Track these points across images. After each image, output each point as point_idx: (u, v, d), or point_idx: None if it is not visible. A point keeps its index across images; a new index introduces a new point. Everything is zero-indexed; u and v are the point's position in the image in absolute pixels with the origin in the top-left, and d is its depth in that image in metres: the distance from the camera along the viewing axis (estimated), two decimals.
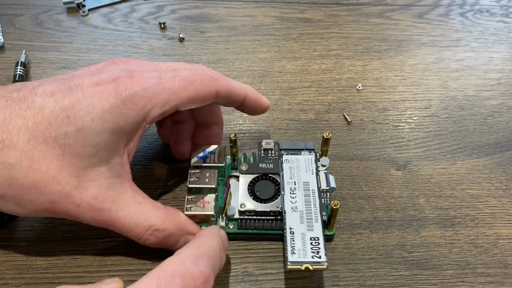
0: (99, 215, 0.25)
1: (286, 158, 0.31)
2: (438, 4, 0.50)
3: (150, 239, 0.27)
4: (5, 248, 0.29)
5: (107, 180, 0.25)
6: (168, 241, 0.27)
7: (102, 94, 0.24)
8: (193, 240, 0.25)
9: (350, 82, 0.41)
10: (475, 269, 0.29)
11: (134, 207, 0.26)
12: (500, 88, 0.41)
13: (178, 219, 0.28)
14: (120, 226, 0.26)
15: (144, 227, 0.26)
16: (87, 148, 0.24)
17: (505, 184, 0.34)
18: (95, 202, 0.25)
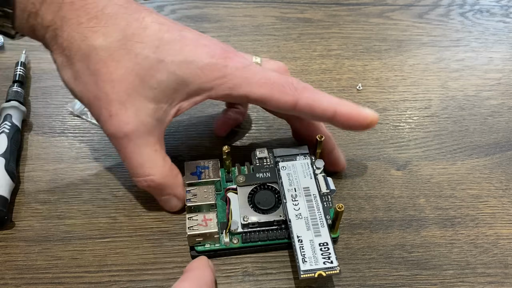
0: (119, 137, 0.27)
1: (283, 165, 0.31)
2: (438, 4, 0.50)
3: (143, 184, 0.28)
4: (5, 248, 0.29)
5: (147, 117, 0.27)
6: (156, 193, 0.30)
7: (193, 48, 0.27)
8: (189, 274, 0.25)
9: (350, 82, 0.41)
10: (475, 269, 0.29)
11: (149, 151, 0.28)
12: (500, 88, 0.41)
13: (175, 181, 0.29)
14: (128, 158, 0.28)
15: (144, 172, 0.28)
16: (152, 80, 0.26)
17: (505, 184, 0.34)
18: (124, 124, 0.27)
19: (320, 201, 0.29)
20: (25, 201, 0.32)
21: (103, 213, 0.31)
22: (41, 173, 0.33)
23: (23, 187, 0.32)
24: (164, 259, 0.29)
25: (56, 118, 0.37)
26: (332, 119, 0.29)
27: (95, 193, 0.32)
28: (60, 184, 0.33)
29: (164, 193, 0.29)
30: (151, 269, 0.28)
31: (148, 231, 0.30)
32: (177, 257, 0.29)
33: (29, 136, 0.36)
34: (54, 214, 0.31)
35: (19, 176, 0.33)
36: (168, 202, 0.30)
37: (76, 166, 0.34)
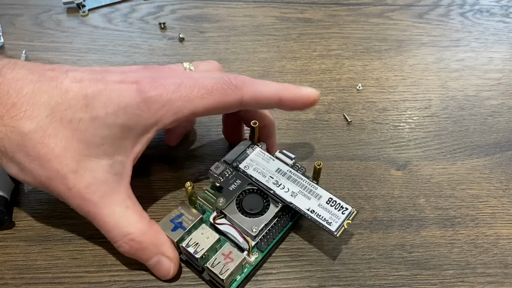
0: (85, 205, 0.26)
1: (244, 165, 0.30)
2: (438, 4, 0.50)
3: (124, 247, 0.27)
4: (5, 248, 0.29)
5: (105, 174, 0.26)
6: (141, 255, 0.27)
7: (121, 92, 0.26)
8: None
9: (350, 82, 0.41)
10: (475, 269, 0.29)
11: (120, 210, 0.26)
12: (500, 88, 0.41)
13: (158, 237, 0.27)
14: (101, 223, 0.26)
15: (122, 232, 0.26)
16: (95, 138, 0.25)
17: (505, 184, 0.34)
18: (85, 191, 0.25)
19: (296, 171, 0.30)
20: (25, 201, 0.32)
21: None
22: None
23: (23, 187, 0.32)
24: None
25: None
26: (279, 104, 0.30)
27: None
28: None
29: (150, 253, 0.27)
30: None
31: None
32: None
33: None
34: (54, 214, 0.31)
35: None
36: (160, 266, 0.27)
37: None
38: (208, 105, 0.27)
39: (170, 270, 0.27)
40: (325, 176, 0.34)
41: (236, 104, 0.28)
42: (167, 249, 0.27)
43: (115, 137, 0.26)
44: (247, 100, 0.28)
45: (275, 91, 0.29)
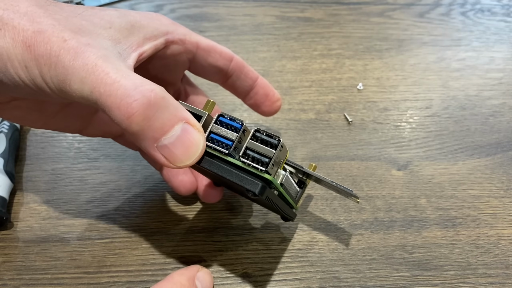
0: (83, 58, 0.20)
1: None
2: (439, 3, 0.50)
3: (139, 101, 0.19)
4: (4, 249, 0.29)
5: (108, 46, 0.22)
6: (161, 118, 0.20)
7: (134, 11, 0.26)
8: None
9: (350, 81, 0.41)
10: (476, 270, 0.29)
11: (129, 70, 0.21)
12: (501, 87, 0.41)
13: (178, 103, 0.21)
14: (104, 78, 0.20)
15: (137, 83, 0.20)
16: (102, 22, 0.23)
17: (507, 184, 0.34)
18: (83, 46, 0.20)
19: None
20: (23, 202, 0.31)
21: (102, 214, 0.31)
22: (40, 173, 0.33)
23: (21, 188, 0.32)
24: (164, 260, 0.29)
25: None
26: (255, 84, 0.30)
27: (93, 193, 0.32)
28: (59, 184, 0.32)
29: (172, 117, 0.20)
30: (150, 270, 0.28)
31: (147, 231, 0.30)
32: (176, 258, 0.29)
33: (27, 136, 0.36)
34: (53, 214, 0.31)
35: (17, 176, 0.33)
36: (187, 136, 0.21)
37: (75, 166, 0.34)
38: (209, 43, 0.29)
39: (200, 142, 0.21)
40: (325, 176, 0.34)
41: (229, 57, 0.29)
42: (190, 115, 0.21)
43: (123, 26, 0.24)
44: (237, 60, 0.29)
45: (228, 51, 0.30)
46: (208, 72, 0.30)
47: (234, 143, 0.22)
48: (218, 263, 0.29)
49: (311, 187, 0.33)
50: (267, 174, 0.22)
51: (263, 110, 0.32)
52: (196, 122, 0.21)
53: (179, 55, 0.28)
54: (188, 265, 0.27)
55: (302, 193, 0.28)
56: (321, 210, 0.32)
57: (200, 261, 0.29)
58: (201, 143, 0.21)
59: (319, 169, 0.34)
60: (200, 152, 0.21)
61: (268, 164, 0.22)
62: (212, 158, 0.22)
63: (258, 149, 0.22)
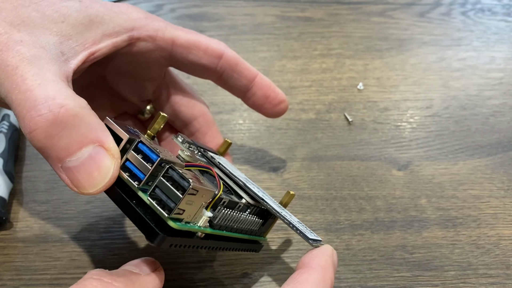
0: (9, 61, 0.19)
1: (211, 154, 0.26)
2: (439, 3, 0.50)
3: (44, 116, 0.18)
4: (3, 249, 0.29)
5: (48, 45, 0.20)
6: (68, 137, 0.18)
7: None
8: (309, 276, 0.19)
9: (351, 81, 0.41)
10: (477, 270, 0.29)
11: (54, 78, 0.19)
12: (502, 87, 0.41)
13: (97, 120, 0.19)
14: (19, 83, 0.18)
15: (49, 96, 0.18)
16: (55, 14, 0.21)
17: (507, 184, 0.34)
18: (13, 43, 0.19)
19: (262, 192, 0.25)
20: (23, 202, 0.31)
21: (101, 214, 0.31)
22: (39, 173, 0.33)
23: (21, 188, 0.32)
24: (164, 261, 0.29)
25: None
26: (252, 84, 0.27)
27: None
28: (59, 184, 0.32)
29: (82, 137, 0.18)
30: None
31: None
32: (176, 258, 0.29)
33: None
34: (52, 214, 0.31)
35: (17, 176, 0.33)
36: (96, 161, 0.18)
37: None
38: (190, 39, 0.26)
39: (109, 169, 0.19)
40: (326, 177, 0.34)
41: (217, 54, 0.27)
42: (107, 137, 0.19)
43: (79, 21, 0.22)
44: (229, 56, 0.27)
45: (217, 44, 0.27)
46: (192, 70, 0.28)
47: (146, 176, 0.19)
48: (218, 263, 0.29)
49: (311, 188, 0.33)
50: (172, 222, 0.19)
51: (264, 113, 0.30)
52: (112, 147, 0.19)
53: (149, 53, 0.26)
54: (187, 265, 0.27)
55: (271, 224, 0.26)
56: (321, 210, 0.32)
57: (200, 262, 0.29)
58: (111, 172, 0.18)
59: (319, 169, 0.34)
60: (108, 181, 0.19)
61: (172, 210, 0.18)
62: (124, 189, 0.20)
63: (167, 190, 0.19)
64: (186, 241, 0.20)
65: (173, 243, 0.19)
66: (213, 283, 0.28)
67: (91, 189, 0.18)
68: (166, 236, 0.19)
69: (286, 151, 0.35)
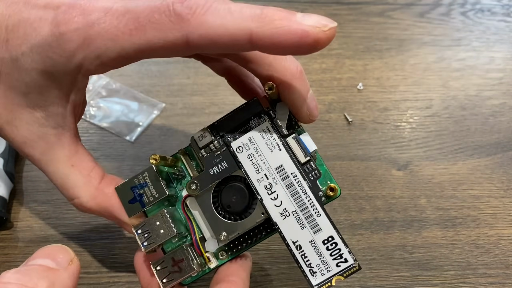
0: (32, 160, 0.23)
1: (238, 146, 0.22)
2: (439, 3, 0.50)
3: (79, 209, 0.23)
4: (4, 249, 0.29)
5: (41, 128, 0.22)
6: (105, 217, 0.24)
7: (40, 23, 0.20)
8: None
9: (350, 81, 0.41)
10: (476, 270, 0.29)
11: (64, 169, 0.23)
12: (501, 87, 0.41)
13: (110, 203, 0.23)
14: (52, 180, 0.23)
15: (69, 195, 0.23)
16: (21, 84, 0.21)
17: (507, 184, 0.34)
18: (24, 146, 0.22)
19: (303, 178, 0.22)
20: (23, 202, 0.31)
21: None
22: (40, 173, 0.33)
23: (21, 188, 0.32)
24: None
25: None
26: (251, 46, 0.19)
27: None
28: None
29: (111, 218, 0.24)
30: None
31: None
32: None
33: None
34: (52, 214, 0.31)
35: (17, 176, 0.33)
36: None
37: None
38: (139, 46, 0.19)
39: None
40: None
41: (180, 44, 0.19)
42: (120, 214, 0.23)
43: (38, 85, 0.21)
44: (195, 40, 0.19)
45: (243, 23, 0.19)
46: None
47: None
48: None
49: None
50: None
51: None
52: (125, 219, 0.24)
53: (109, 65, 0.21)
54: None
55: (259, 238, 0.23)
56: None
57: None
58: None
59: None
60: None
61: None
62: None
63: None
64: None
65: None
66: None
67: None
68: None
69: None
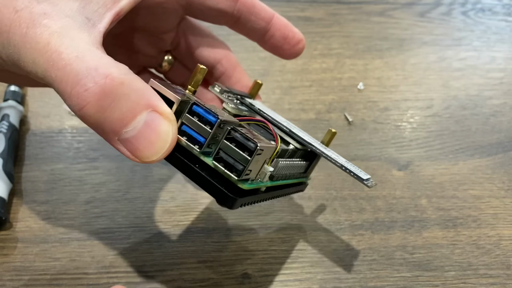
0: (37, 33, 0.18)
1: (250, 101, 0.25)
2: (440, 3, 0.50)
3: (92, 90, 0.17)
4: (3, 249, 0.29)
5: (72, 12, 0.19)
6: (120, 107, 0.17)
7: None
8: None
9: (351, 81, 0.41)
10: (477, 271, 0.29)
11: (88, 47, 0.18)
12: (502, 87, 0.41)
13: (145, 85, 0.18)
14: (55, 58, 0.17)
15: (91, 66, 0.17)
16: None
17: (507, 184, 0.34)
18: (37, 16, 0.18)
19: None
20: (23, 202, 0.31)
21: (101, 214, 0.31)
22: (39, 173, 0.33)
23: (20, 188, 0.32)
24: (163, 261, 0.29)
25: (54, 118, 0.37)
26: (269, 26, 0.27)
27: (93, 193, 0.32)
28: (58, 184, 0.32)
29: (135, 104, 0.18)
30: (150, 271, 0.28)
31: (146, 232, 0.30)
32: (176, 258, 0.29)
33: (26, 136, 0.35)
34: (52, 215, 0.31)
35: (16, 176, 0.33)
36: (154, 127, 0.18)
37: (74, 167, 0.34)
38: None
39: (168, 134, 0.18)
40: (326, 177, 0.34)
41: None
42: (158, 101, 0.18)
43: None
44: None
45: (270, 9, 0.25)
46: (209, 16, 0.27)
47: (207, 140, 0.19)
48: (218, 263, 0.29)
49: (311, 188, 0.33)
50: (242, 183, 0.19)
51: (282, 54, 0.29)
52: (166, 110, 0.18)
53: (168, 3, 0.24)
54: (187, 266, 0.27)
55: (315, 164, 0.26)
56: (321, 211, 0.32)
57: (200, 262, 0.29)
58: (170, 136, 0.18)
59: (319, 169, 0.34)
60: (169, 147, 0.18)
61: (242, 172, 0.18)
62: (184, 154, 0.19)
63: (233, 153, 0.19)
64: (253, 198, 0.21)
65: (243, 203, 0.20)
66: (213, 283, 0.28)
67: (154, 156, 0.18)
68: (238, 198, 0.19)
69: None
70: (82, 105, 0.17)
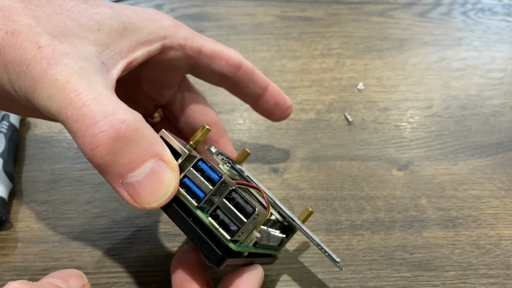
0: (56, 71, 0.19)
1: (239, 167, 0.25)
2: (440, 3, 0.50)
3: (106, 133, 0.18)
4: (3, 249, 0.29)
5: (90, 55, 0.20)
6: (130, 153, 0.18)
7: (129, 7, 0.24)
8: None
9: (351, 81, 0.41)
10: (477, 270, 0.29)
11: (105, 91, 0.19)
12: (502, 87, 0.41)
13: (154, 134, 0.19)
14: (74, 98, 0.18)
15: (108, 111, 0.18)
16: (91, 22, 0.21)
17: (507, 184, 0.34)
18: (59, 55, 0.19)
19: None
20: (23, 202, 0.31)
21: (101, 214, 0.31)
22: (39, 173, 0.33)
23: (20, 188, 0.32)
24: (164, 261, 0.29)
25: None
26: (265, 93, 0.29)
27: (93, 193, 0.32)
28: (58, 184, 0.32)
29: (143, 152, 0.18)
30: (150, 271, 0.28)
31: (147, 232, 0.30)
32: None
33: (27, 136, 0.35)
34: (52, 215, 0.31)
35: (17, 176, 0.33)
36: (158, 175, 0.18)
37: (74, 167, 0.34)
38: (215, 49, 0.27)
39: (171, 184, 0.19)
40: (326, 177, 0.34)
41: (237, 63, 0.27)
42: (165, 150, 0.19)
43: (114, 29, 0.21)
44: (246, 66, 0.27)
45: (237, 55, 0.28)
46: (211, 78, 0.29)
47: (207, 196, 0.19)
48: None
49: (311, 188, 0.33)
50: (232, 244, 0.19)
51: (272, 118, 0.31)
52: (172, 160, 0.19)
53: (177, 61, 0.26)
54: None
55: (288, 239, 0.26)
56: (322, 211, 0.32)
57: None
58: (172, 186, 0.19)
59: (319, 169, 0.34)
60: (170, 195, 0.19)
61: (235, 233, 0.19)
62: (180, 205, 0.20)
63: (230, 213, 0.19)
64: (236, 260, 0.21)
65: (228, 264, 0.20)
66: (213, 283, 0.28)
67: (153, 203, 0.19)
68: (226, 257, 0.19)
69: (286, 151, 0.35)
70: (95, 146, 0.18)
